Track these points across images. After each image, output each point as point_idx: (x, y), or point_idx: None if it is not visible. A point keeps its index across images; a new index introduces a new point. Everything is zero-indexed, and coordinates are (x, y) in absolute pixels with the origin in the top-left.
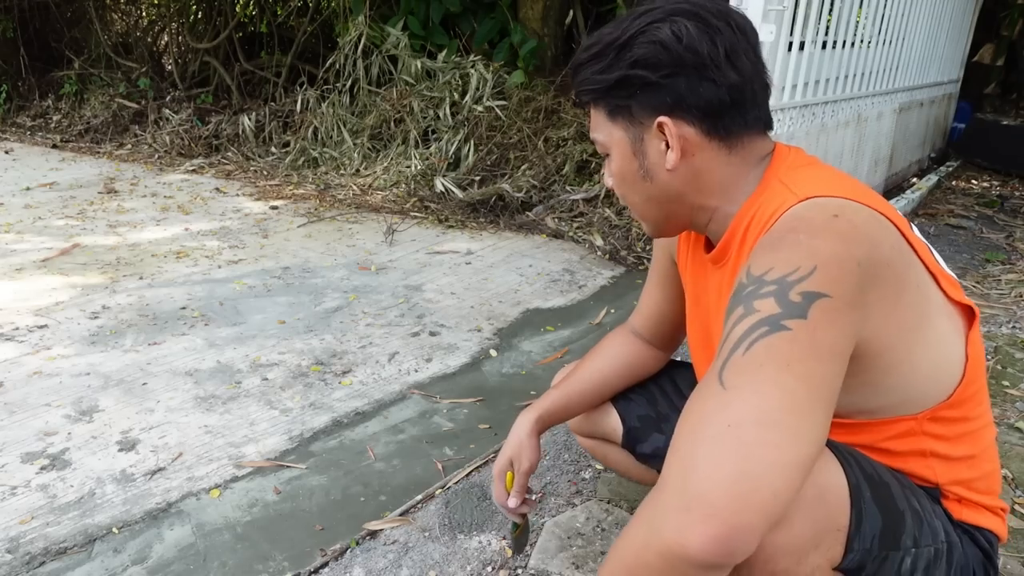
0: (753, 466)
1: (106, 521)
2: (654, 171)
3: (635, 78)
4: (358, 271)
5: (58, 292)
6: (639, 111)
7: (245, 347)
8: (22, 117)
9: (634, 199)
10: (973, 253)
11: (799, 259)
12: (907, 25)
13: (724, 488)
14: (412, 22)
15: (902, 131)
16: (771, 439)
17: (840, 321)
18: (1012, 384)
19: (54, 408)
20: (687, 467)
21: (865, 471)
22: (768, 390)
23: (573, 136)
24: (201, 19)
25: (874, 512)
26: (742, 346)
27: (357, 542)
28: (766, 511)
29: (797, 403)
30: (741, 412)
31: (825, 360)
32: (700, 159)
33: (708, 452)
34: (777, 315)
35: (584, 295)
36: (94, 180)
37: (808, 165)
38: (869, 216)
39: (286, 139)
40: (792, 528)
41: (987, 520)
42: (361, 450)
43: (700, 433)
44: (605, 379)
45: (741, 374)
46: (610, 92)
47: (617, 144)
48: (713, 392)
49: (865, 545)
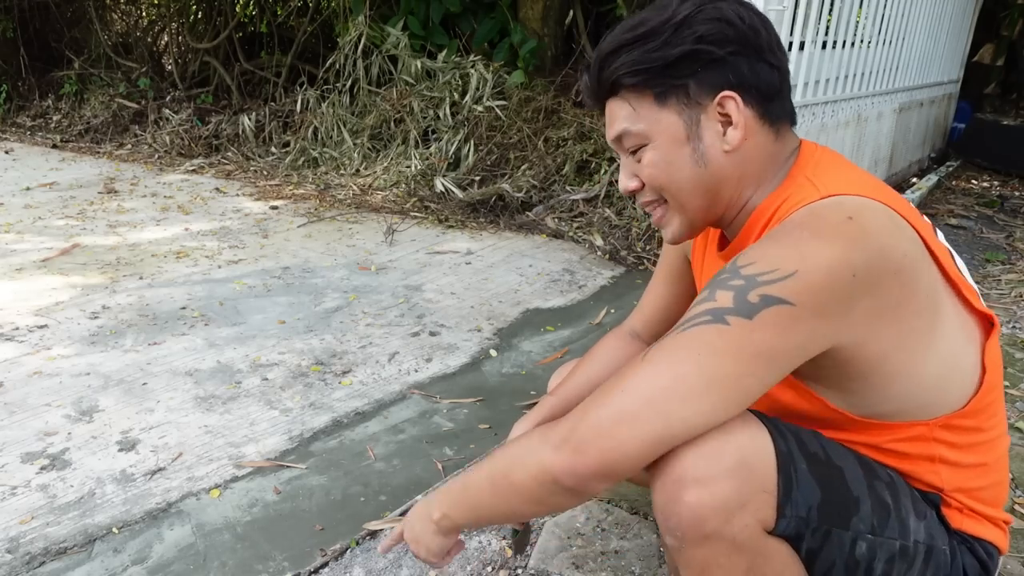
0: (619, 430)
1: (106, 521)
2: (709, 155)
3: (702, 53)
4: (358, 271)
5: (58, 292)
6: (698, 90)
7: (245, 347)
8: (22, 117)
9: (680, 188)
10: (973, 253)
11: (783, 260)
12: (907, 25)
13: (598, 437)
14: (412, 22)
15: (902, 131)
16: (644, 415)
17: (793, 329)
18: (1012, 384)
19: (54, 408)
20: (584, 411)
21: (806, 447)
22: (664, 372)
23: (573, 136)
24: (201, 19)
25: (810, 483)
26: (681, 326)
27: (357, 542)
28: (612, 467)
29: (685, 391)
30: (635, 384)
31: (744, 361)
32: (752, 143)
33: (599, 408)
34: (725, 309)
35: (584, 295)
36: (94, 180)
37: (836, 163)
38: (887, 220)
39: (286, 139)
40: (715, 488)
41: (988, 531)
42: (361, 450)
43: (604, 391)
44: (602, 381)
45: (660, 351)
46: (666, 71)
47: (666, 130)
48: (635, 361)
49: (799, 513)
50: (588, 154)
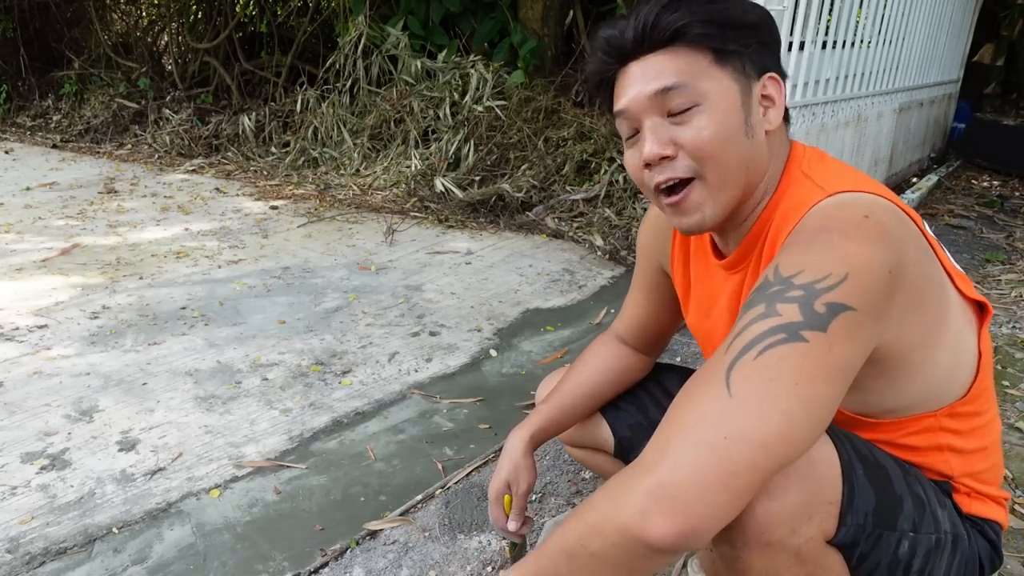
0: (737, 483)
1: (106, 521)
2: (755, 128)
3: (763, 31)
4: (358, 271)
5: (58, 292)
6: (750, 64)
7: (245, 347)
8: (22, 117)
9: (728, 159)
10: (973, 253)
11: (830, 264)
12: (907, 25)
13: (701, 494)
14: (412, 22)
15: (902, 131)
16: (761, 463)
17: (859, 335)
18: (1012, 384)
19: (54, 408)
20: (673, 461)
21: (859, 451)
22: (771, 413)
23: (573, 136)
24: (201, 19)
25: (867, 489)
26: (755, 348)
27: (357, 542)
28: (727, 519)
29: (795, 431)
30: (741, 429)
31: (834, 380)
32: (776, 133)
33: (697, 457)
34: (797, 324)
35: (584, 295)
36: (94, 180)
37: (825, 159)
38: (896, 215)
39: (286, 139)
40: (784, 499)
41: (992, 511)
42: (361, 450)
43: (695, 434)
44: (595, 389)
45: (749, 383)
46: (738, 33)
47: (725, 93)
48: (718, 394)
49: (858, 520)
50: (588, 154)
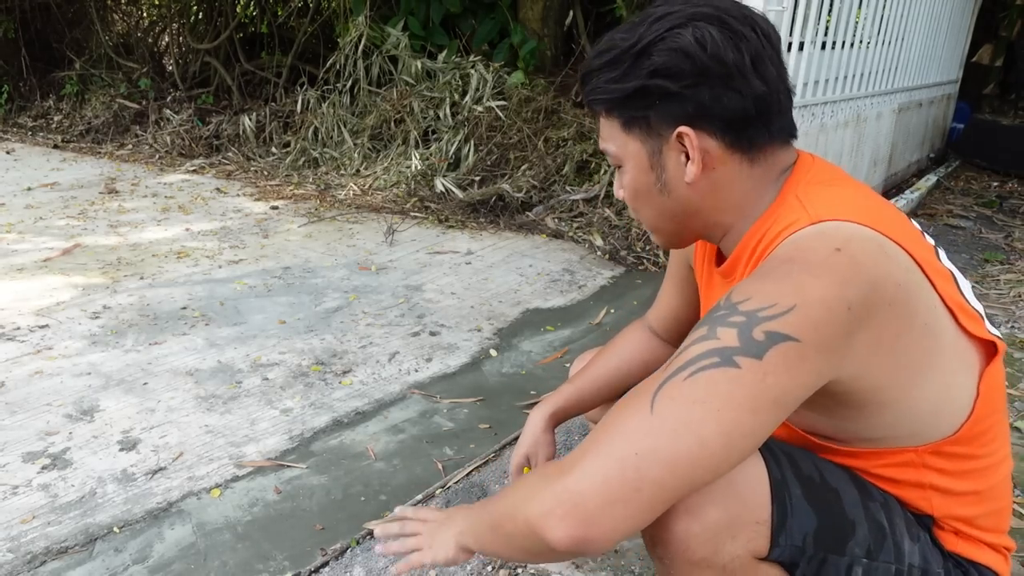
0: (639, 498)
1: (107, 520)
2: (672, 185)
3: (654, 88)
4: (358, 271)
5: (59, 292)
6: (657, 122)
7: (246, 347)
8: (23, 117)
9: (648, 213)
10: (972, 253)
11: (780, 294)
12: (906, 25)
13: (602, 506)
14: (412, 22)
15: (901, 131)
16: (667, 483)
17: (801, 368)
18: (1012, 384)
19: (55, 408)
20: (583, 468)
21: (801, 472)
22: (685, 435)
23: (573, 136)
24: (202, 20)
25: (805, 510)
26: (687, 370)
27: (357, 542)
28: (625, 533)
29: (706, 455)
30: (652, 447)
31: (761, 410)
32: (721, 172)
33: (605, 469)
34: (732, 349)
35: (584, 295)
36: (95, 180)
37: (829, 182)
38: (876, 249)
39: (286, 139)
40: (704, 518)
41: (986, 556)
42: (361, 450)
43: (609, 446)
44: (620, 374)
45: (672, 404)
46: (626, 102)
47: (632, 156)
48: (641, 411)
49: (794, 542)
50: (588, 154)
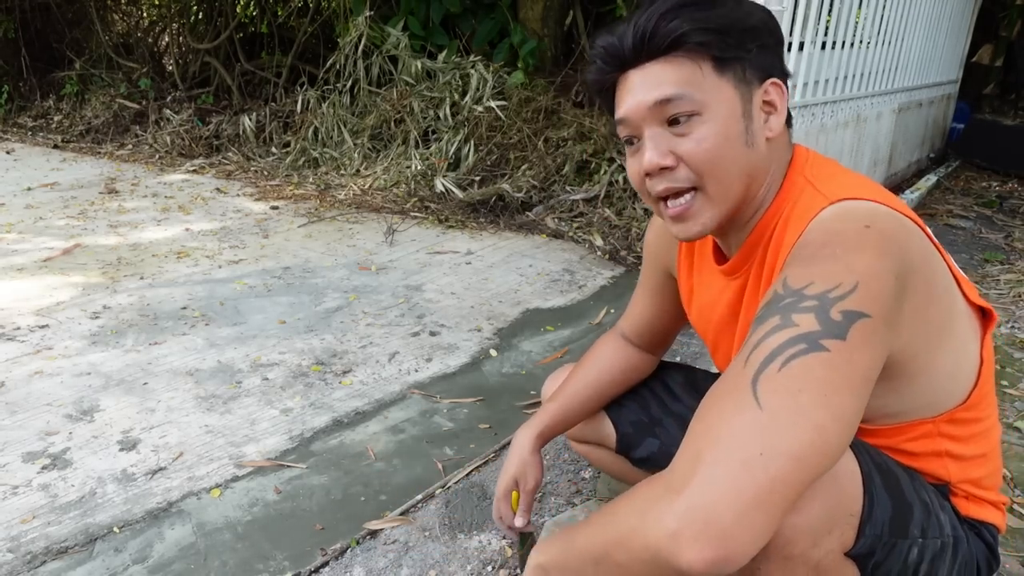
0: (773, 500)
1: (107, 520)
2: (756, 138)
3: (764, 34)
4: (358, 271)
5: (59, 292)
6: (751, 71)
7: (246, 347)
8: (23, 117)
9: (728, 169)
10: (972, 253)
11: (839, 274)
12: (906, 25)
13: (739, 516)
14: (412, 22)
15: (901, 131)
16: (796, 478)
17: (875, 341)
18: (1011, 384)
19: (55, 408)
20: (706, 478)
21: (875, 460)
22: (804, 425)
23: (573, 136)
24: (202, 20)
25: (884, 499)
26: (778, 359)
27: (357, 542)
28: (763, 542)
29: (827, 442)
30: (776, 443)
31: (857, 389)
32: (778, 139)
33: (732, 475)
34: (816, 333)
35: (584, 295)
36: (95, 180)
37: (829, 165)
38: (898, 223)
39: (286, 139)
40: (809, 512)
41: (990, 514)
42: (361, 450)
43: (728, 449)
44: (600, 388)
45: (777, 395)
46: (739, 37)
47: (726, 101)
48: (747, 405)
49: (876, 531)
50: (588, 154)
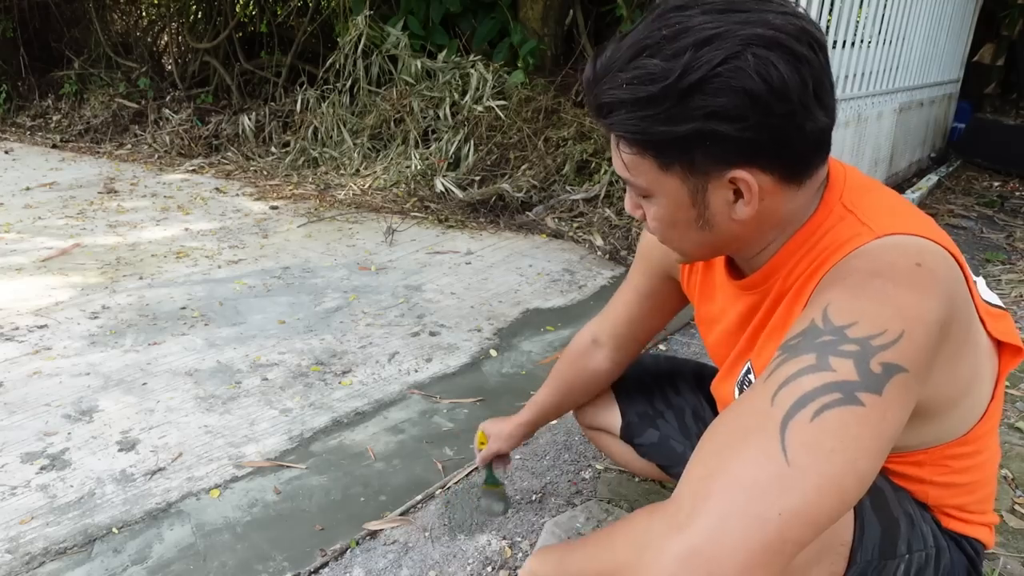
0: (780, 560)
1: (106, 521)
2: (715, 220)
3: (709, 133)
4: (358, 271)
5: (58, 292)
6: (704, 162)
7: (245, 347)
8: (22, 117)
9: (682, 244)
10: (973, 253)
11: (887, 319)
12: (907, 25)
13: (741, 571)
14: (412, 22)
15: (902, 131)
16: (806, 540)
17: (908, 397)
18: (1012, 384)
19: (54, 408)
20: (714, 524)
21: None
22: (830, 492)
23: (573, 136)
24: (201, 19)
25: (873, 521)
26: (810, 406)
27: (357, 542)
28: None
29: (845, 506)
30: (798, 507)
31: (884, 450)
32: (770, 202)
33: (745, 527)
34: (854, 384)
35: (584, 295)
36: (94, 180)
37: (870, 189)
38: (946, 263)
39: (286, 139)
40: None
41: (975, 531)
42: (361, 450)
43: (747, 500)
44: (563, 401)
45: (809, 453)
46: (671, 144)
47: (670, 194)
48: (773, 455)
49: (867, 557)
50: (588, 154)
